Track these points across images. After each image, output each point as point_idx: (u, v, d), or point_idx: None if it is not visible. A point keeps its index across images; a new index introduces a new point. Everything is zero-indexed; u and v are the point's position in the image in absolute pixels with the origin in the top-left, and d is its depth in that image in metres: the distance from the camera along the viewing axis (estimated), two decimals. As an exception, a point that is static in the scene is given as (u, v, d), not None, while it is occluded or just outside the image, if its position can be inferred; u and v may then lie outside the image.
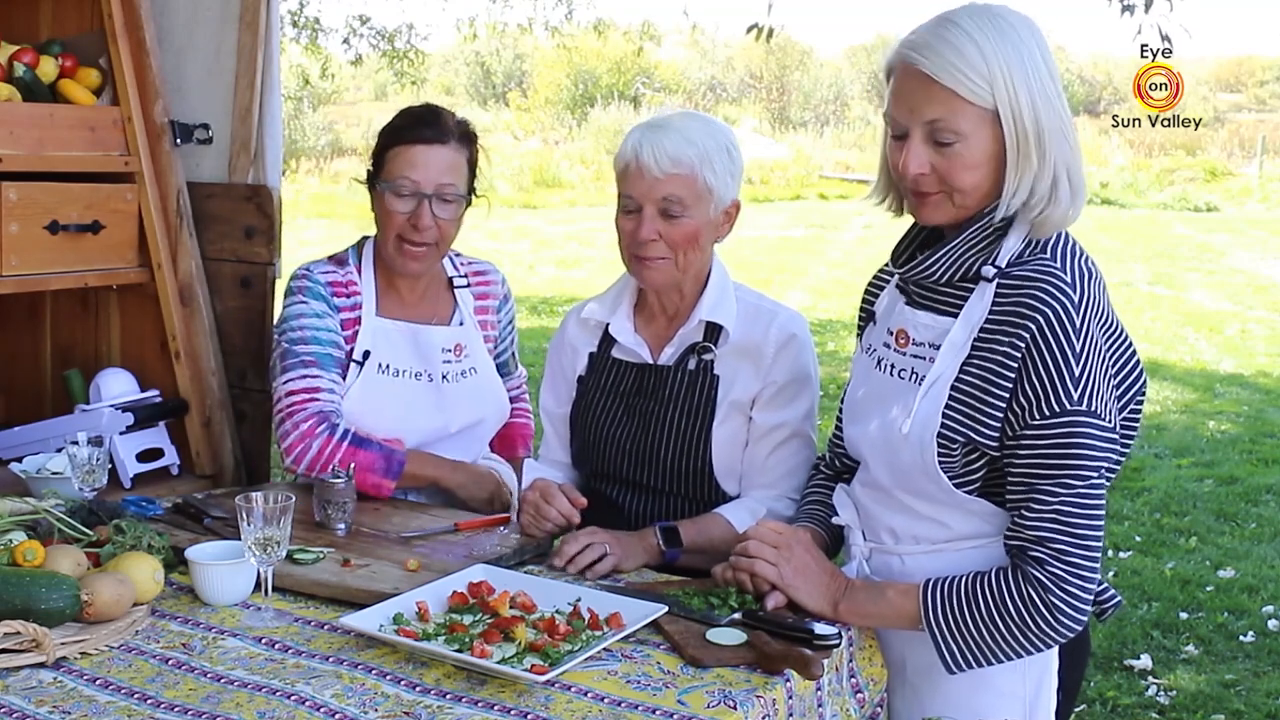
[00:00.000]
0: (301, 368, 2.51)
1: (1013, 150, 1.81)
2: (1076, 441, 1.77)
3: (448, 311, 2.68)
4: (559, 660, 1.77)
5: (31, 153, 2.68)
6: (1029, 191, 1.81)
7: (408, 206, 2.50)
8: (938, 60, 1.80)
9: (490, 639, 1.82)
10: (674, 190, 2.25)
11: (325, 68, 13.89)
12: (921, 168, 1.85)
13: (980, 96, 1.79)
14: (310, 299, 2.57)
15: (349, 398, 2.56)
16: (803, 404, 2.36)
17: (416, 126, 2.53)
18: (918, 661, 1.97)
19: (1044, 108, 1.80)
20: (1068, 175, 1.82)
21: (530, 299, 11.48)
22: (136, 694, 1.71)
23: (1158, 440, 7.12)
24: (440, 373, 2.61)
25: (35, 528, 2.14)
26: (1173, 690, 4.04)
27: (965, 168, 1.83)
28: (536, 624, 1.90)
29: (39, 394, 3.15)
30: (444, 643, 1.83)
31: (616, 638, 1.86)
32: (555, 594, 2.00)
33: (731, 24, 47.14)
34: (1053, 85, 1.82)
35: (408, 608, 1.93)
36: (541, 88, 31.57)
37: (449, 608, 1.97)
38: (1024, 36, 1.80)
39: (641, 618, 1.91)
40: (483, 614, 1.93)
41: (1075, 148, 1.84)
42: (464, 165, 2.56)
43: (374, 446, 2.49)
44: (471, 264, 2.78)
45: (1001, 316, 1.81)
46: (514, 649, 1.81)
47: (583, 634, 1.87)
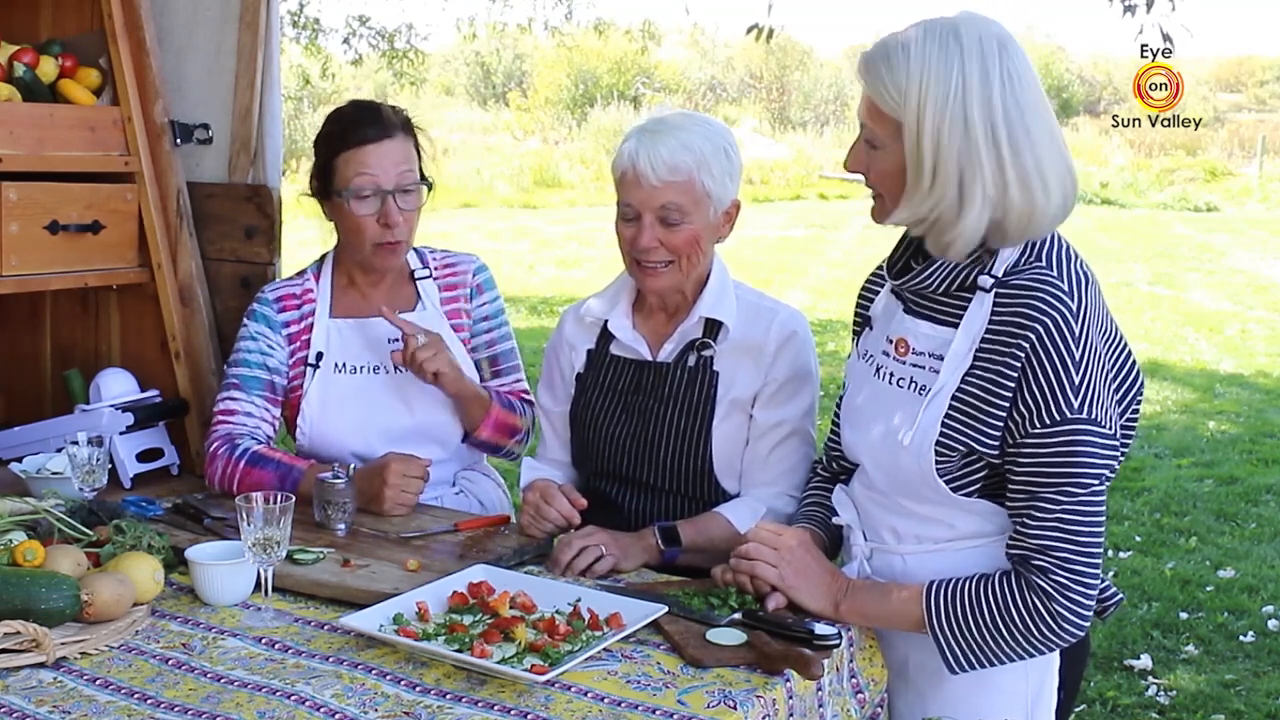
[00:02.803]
0: (226, 389, 2.60)
1: (911, 166, 1.80)
2: (1077, 449, 1.77)
3: (409, 304, 2.64)
4: (559, 660, 1.77)
5: (31, 153, 2.68)
6: (921, 213, 1.81)
7: (372, 208, 2.49)
8: (870, 69, 1.82)
9: (490, 639, 1.83)
10: (672, 198, 2.24)
11: (325, 68, 13.88)
12: (857, 164, 1.91)
13: (892, 109, 1.80)
14: (252, 322, 2.62)
15: (310, 401, 2.58)
16: (803, 401, 2.36)
17: (359, 127, 2.51)
18: (920, 661, 1.97)
19: (950, 133, 1.75)
20: (985, 201, 1.77)
21: (530, 299, 11.48)
22: (136, 694, 1.71)
23: (1158, 440, 7.12)
24: (394, 363, 2.57)
25: (35, 528, 2.14)
26: (1173, 690, 4.04)
27: (884, 174, 1.86)
28: (536, 624, 1.90)
29: (39, 394, 3.15)
30: (444, 643, 1.83)
31: (617, 638, 1.86)
32: (555, 594, 2.00)
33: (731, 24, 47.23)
34: (983, 112, 1.75)
35: (408, 608, 1.93)
36: (541, 88, 31.55)
37: (449, 608, 1.97)
38: (967, 59, 1.75)
39: (642, 618, 1.91)
40: (483, 614, 1.93)
41: (1014, 178, 1.77)
42: (413, 154, 2.56)
43: (270, 465, 2.50)
44: (445, 256, 2.74)
45: (1001, 326, 1.81)
46: (514, 649, 1.81)
47: (583, 634, 1.87)
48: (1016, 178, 1.77)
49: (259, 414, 2.59)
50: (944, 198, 1.79)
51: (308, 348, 2.61)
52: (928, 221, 1.83)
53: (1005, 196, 1.78)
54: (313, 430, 2.60)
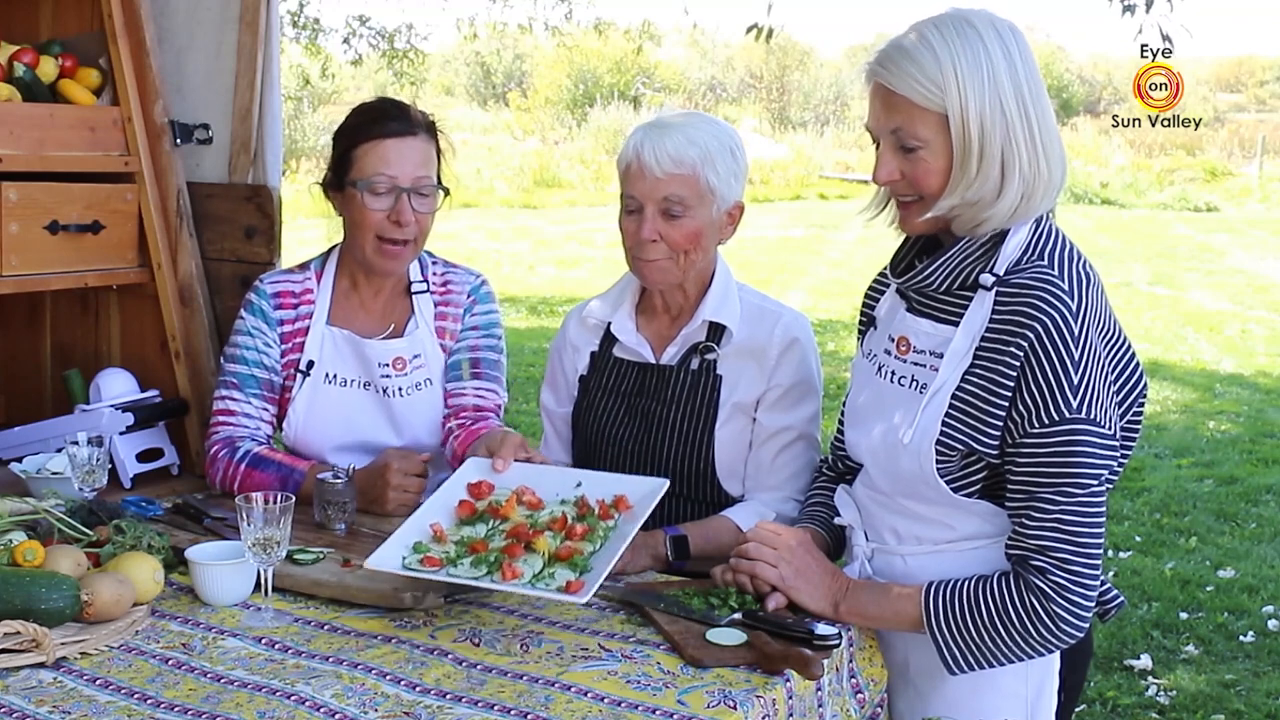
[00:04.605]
0: (224, 388, 2.59)
1: (958, 155, 1.81)
2: (1076, 449, 1.77)
3: (403, 320, 2.60)
4: (586, 568, 1.89)
5: (31, 153, 2.68)
6: (966, 198, 1.82)
7: (385, 204, 2.45)
8: (894, 69, 1.82)
9: (514, 554, 1.90)
10: (675, 190, 2.24)
11: (325, 68, 13.89)
12: (891, 175, 1.88)
13: (933, 102, 1.80)
14: (249, 314, 2.60)
15: (296, 407, 2.58)
16: (808, 407, 2.36)
17: (383, 120, 2.48)
18: (920, 661, 1.97)
19: (991, 116, 1.78)
20: (1021, 179, 1.80)
21: (530, 299, 11.48)
22: (136, 694, 1.71)
23: (1158, 440, 7.12)
24: (381, 386, 2.56)
25: (35, 528, 2.14)
26: (1173, 690, 4.04)
27: (929, 173, 1.85)
28: (552, 526, 1.97)
29: (39, 394, 3.14)
30: (471, 566, 1.90)
31: (635, 529, 1.96)
32: (555, 482, 2.08)
33: (731, 24, 47.13)
34: (1014, 91, 1.79)
35: (423, 533, 1.99)
36: (541, 88, 31.55)
37: (458, 521, 2.02)
38: (988, 42, 1.79)
39: (646, 494, 2.04)
40: (494, 521, 1.99)
41: (1041, 153, 1.81)
42: (434, 157, 2.54)
43: (271, 467, 2.49)
44: (447, 271, 2.66)
45: (1001, 325, 1.81)
46: (540, 562, 1.89)
47: (598, 529, 1.96)
48: (1044, 153, 1.81)
49: (257, 414, 2.59)
50: (988, 179, 1.81)
51: (300, 351, 2.59)
52: (963, 205, 1.83)
53: (1036, 171, 1.81)
54: (297, 436, 2.59)
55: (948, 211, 1.86)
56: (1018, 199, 1.82)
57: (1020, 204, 1.83)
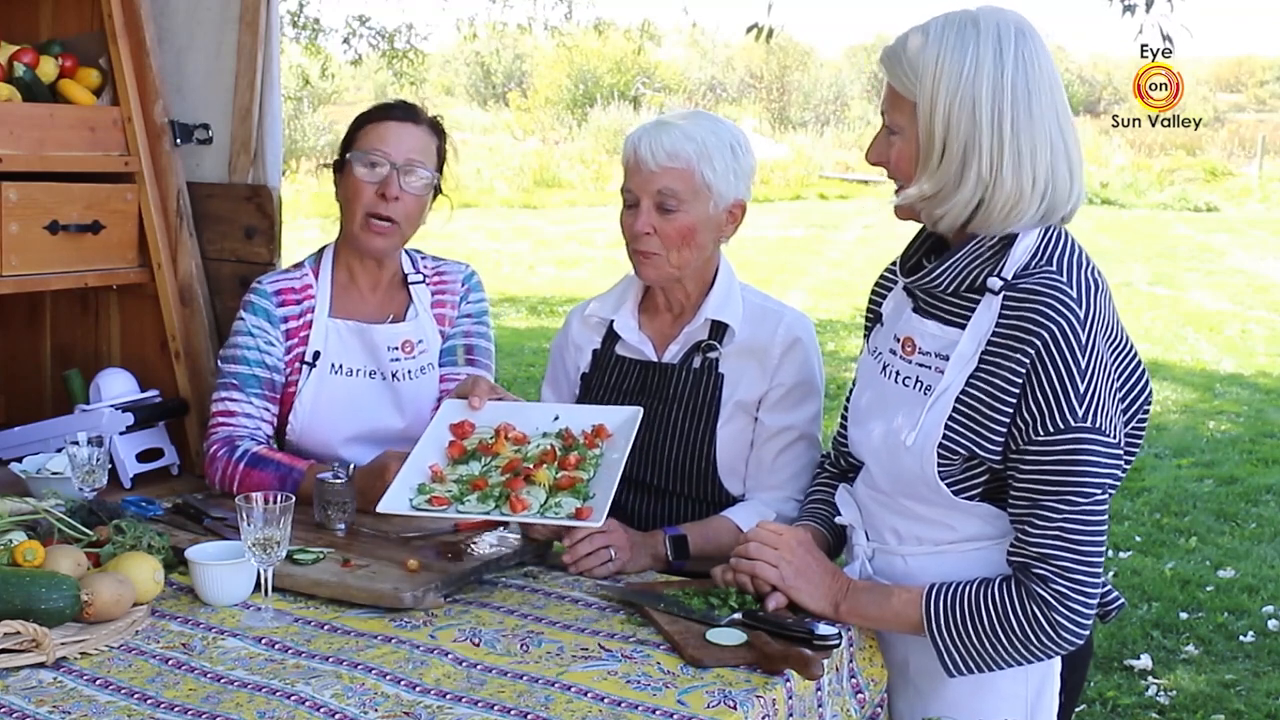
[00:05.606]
0: (224, 389, 2.59)
1: (923, 144, 1.82)
2: (1080, 458, 1.76)
3: (402, 308, 2.66)
4: (589, 494, 2.01)
5: (31, 153, 2.68)
6: (923, 190, 1.83)
7: (377, 176, 2.51)
8: (889, 56, 1.86)
9: (515, 487, 2.00)
10: (669, 183, 2.25)
11: (325, 68, 13.89)
12: (879, 157, 1.91)
13: (909, 90, 1.82)
14: (249, 314, 2.61)
15: (302, 400, 2.59)
16: (810, 407, 2.36)
17: (391, 108, 2.61)
18: (920, 662, 1.97)
19: (959, 114, 1.78)
20: (979, 184, 1.79)
21: (530, 299, 11.48)
22: (136, 694, 1.71)
23: (1158, 440, 7.12)
24: (390, 370, 2.60)
25: (35, 528, 2.14)
26: (1173, 690, 4.04)
27: (901, 158, 1.87)
28: (544, 459, 2.07)
29: (39, 394, 3.14)
30: (477, 502, 2.00)
31: (624, 456, 2.07)
32: (534, 416, 2.20)
33: (731, 24, 47.20)
34: (992, 94, 1.77)
35: (423, 474, 2.08)
36: (541, 88, 31.54)
37: (450, 461, 2.12)
38: (982, 43, 1.78)
39: (624, 421, 2.16)
40: (486, 458, 2.09)
41: (1008, 162, 1.78)
42: (433, 151, 2.60)
43: (270, 466, 2.50)
44: (438, 265, 2.73)
45: (1007, 330, 1.80)
46: (543, 493, 1.98)
47: (588, 456, 2.10)
48: (1012, 161, 1.78)
49: (257, 414, 2.59)
50: (947, 175, 1.81)
51: (305, 344, 2.60)
52: (919, 198, 1.85)
53: (998, 178, 1.79)
54: (303, 428, 2.60)
55: (913, 202, 1.87)
56: (971, 202, 1.81)
57: (979, 211, 1.81)
